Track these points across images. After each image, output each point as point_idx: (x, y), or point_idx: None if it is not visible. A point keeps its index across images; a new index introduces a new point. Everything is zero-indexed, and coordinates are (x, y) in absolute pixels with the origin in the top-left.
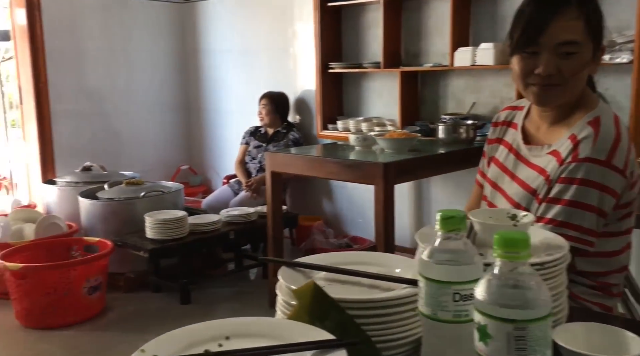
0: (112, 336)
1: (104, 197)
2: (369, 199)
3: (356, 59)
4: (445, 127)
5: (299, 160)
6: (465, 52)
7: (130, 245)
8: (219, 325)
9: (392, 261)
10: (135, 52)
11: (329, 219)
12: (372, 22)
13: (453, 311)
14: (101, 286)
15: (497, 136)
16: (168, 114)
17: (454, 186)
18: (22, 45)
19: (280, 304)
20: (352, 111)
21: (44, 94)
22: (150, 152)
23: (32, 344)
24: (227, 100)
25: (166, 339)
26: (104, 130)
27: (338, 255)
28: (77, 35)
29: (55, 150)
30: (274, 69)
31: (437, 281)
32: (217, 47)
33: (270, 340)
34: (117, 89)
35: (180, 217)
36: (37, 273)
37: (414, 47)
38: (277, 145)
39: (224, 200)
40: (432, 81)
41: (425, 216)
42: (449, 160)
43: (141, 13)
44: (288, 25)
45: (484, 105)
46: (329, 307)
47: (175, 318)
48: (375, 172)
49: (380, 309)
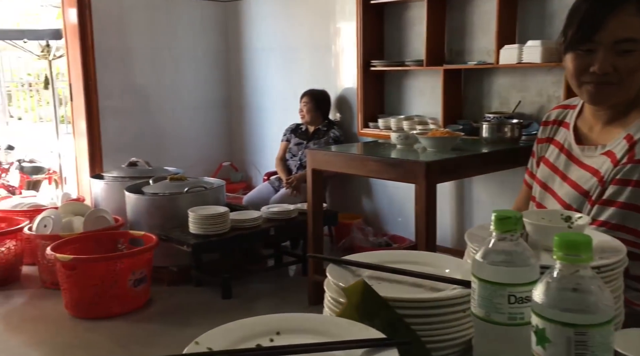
0: (156, 328)
1: (149, 192)
2: (409, 198)
3: (398, 57)
4: (489, 125)
5: (340, 158)
6: (511, 49)
7: (174, 239)
8: (270, 320)
9: (441, 261)
10: (179, 51)
11: (369, 217)
12: (415, 19)
13: (508, 314)
14: (146, 279)
15: (548, 135)
16: (210, 111)
17: (498, 186)
18: (73, 43)
19: (327, 301)
20: (393, 109)
21: (93, 91)
22: (193, 148)
23: (80, 333)
24: (269, 97)
25: (219, 332)
26: (149, 126)
27: (385, 254)
28: (124, 34)
29: (103, 145)
30: (315, 66)
31: (492, 282)
32: (260, 44)
33: (320, 337)
34: (161, 87)
35: (223, 213)
36: (86, 264)
37: (458, 45)
38: (317, 143)
39: (264, 196)
40: (476, 79)
41: (467, 216)
42: (493, 160)
43: (186, 12)
44: (330, 23)
45: (529, 104)
46: (378, 306)
47: (217, 312)
48: (418, 170)
49: (430, 309)
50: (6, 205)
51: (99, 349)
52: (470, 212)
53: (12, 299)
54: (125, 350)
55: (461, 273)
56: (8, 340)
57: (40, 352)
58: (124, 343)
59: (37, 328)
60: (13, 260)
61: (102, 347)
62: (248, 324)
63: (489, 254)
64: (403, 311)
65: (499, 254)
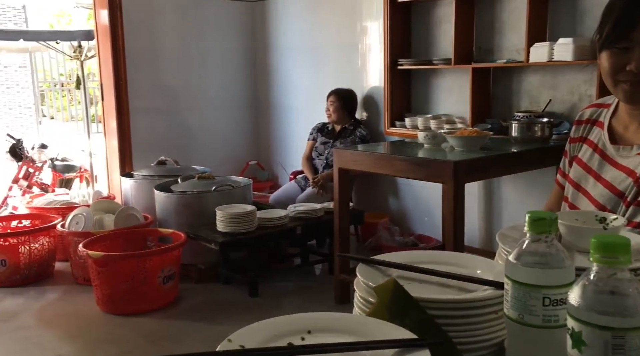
0: (185, 324)
1: (178, 191)
2: (436, 197)
3: (425, 55)
4: (519, 125)
5: (367, 157)
6: (542, 47)
7: (202, 237)
8: (302, 318)
9: (472, 262)
10: (207, 51)
11: (395, 217)
12: (443, 17)
13: (542, 316)
14: (174, 276)
15: (581, 135)
16: (237, 111)
17: (527, 186)
18: (104, 44)
19: (357, 300)
20: (420, 108)
21: (124, 91)
22: (220, 147)
23: (111, 329)
24: (295, 96)
25: (251, 330)
26: (177, 125)
27: (415, 254)
28: (154, 35)
29: (133, 144)
30: (342, 65)
31: (525, 284)
32: (286, 44)
33: (351, 336)
34: (189, 86)
35: (250, 211)
36: (116, 261)
37: (487, 43)
38: (344, 142)
39: (290, 195)
40: (505, 78)
41: (495, 216)
42: (522, 159)
43: (213, 12)
44: (357, 22)
45: (560, 103)
46: (409, 306)
47: (244, 310)
48: (445, 170)
49: (462, 310)
50: (40, 203)
51: (130, 345)
52: (499, 212)
53: (46, 294)
54: (155, 346)
55: (493, 274)
56: (42, 334)
57: (73, 347)
58: (153, 339)
59: (69, 323)
60: (46, 256)
61: (132, 343)
62: (280, 322)
63: (523, 255)
64: (434, 311)
65: (532, 255)
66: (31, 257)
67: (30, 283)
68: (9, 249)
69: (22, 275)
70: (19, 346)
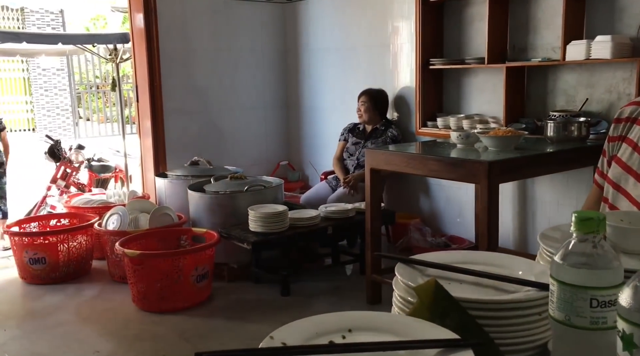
0: (218, 322)
1: (211, 190)
2: (468, 198)
3: (458, 54)
4: (555, 124)
5: (399, 158)
6: (578, 45)
7: (235, 236)
8: (343, 317)
9: (512, 262)
10: (239, 52)
11: (426, 217)
12: (476, 16)
13: (590, 318)
14: (208, 275)
15: (620, 133)
16: (269, 111)
17: (563, 186)
18: (140, 46)
19: (396, 300)
20: (452, 108)
21: (158, 92)
22: (252, 147)
23: (147, 326)
24: (326, 97)
25: (292, 327)
26: (209, 126)
27: (454, 254)
28: (187, 37)
29: (167, 145)
30: (373, 65)
31: (572, 285)
32: (317, 45)
33: (391, 335)
34: (222, 88)
35: (282, 211)
36: (152, 260)
37: (521, 41)
38: (375, 142)
39: (322, 195)
40: (540, 76)
41: (529, 217)
42: (558, 159)
43: (245, 14)
44: (388, 22)
45: (598, 102)
46: (450, 306)
47: (276, 309)
48: (479, 170)
49: (504, 311)
50: (77, 202)
51: (165, 342)
52: (533, 213)
53: (84, 291)
54: (189, 343)
55: (534, 275)
56: (81, 330)
57: (111, 343)
58: (188, 337)
59: (107, 320)
60: (84, 255)
61: (167, 340)
62: (321, 320)
63: (569, 256)
64: (475, 312)
65: (579, 256)
66: (70, 255)
67: (69, 281)
68: (48, 247)
69: (61, 272)
70: (60, 341)
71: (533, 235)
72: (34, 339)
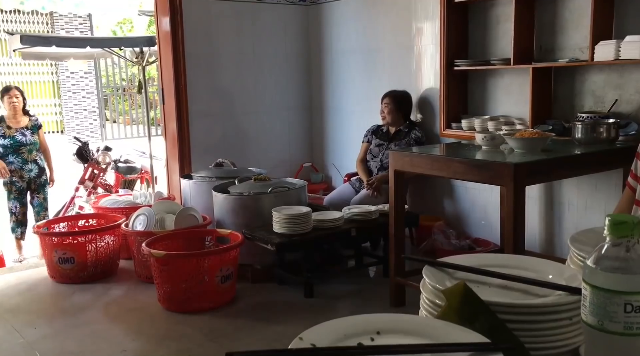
0: (243, 323)
1: (235, 192)
2: (493, 200)
3: (483, 55)
4: (583, 125)
5: (423, 159)
6: (607, 45)
7: (259, 238)
8: (371, 319)
9: (540, 265)
10: (263, 54)
11: (450, 219)
12: (501, 16)
13: (623, 323)
14: (232, 276)
15: None
16: (292, 113)
17: (591, 189)
18: (166, 49)
19: (424, 302)
20: (477, 110)
21: (184, 95)
22: (275, 149)
23: (172, 325)
24: (350, 99)
25: (321, 329)
26: (234, 128)
27: (481, 257)
28: (212, 40)
29: (192, 146)
30: (397, 67)
31: (605, 290)
32: (341, 47)
33: (420, 338)
34: (246, 90)
35: (306, 213)
36: (178, 260)
37: (548, 42)
38: (398, 144)
39: (345, 197)
40: (567, 77)
41: (556, 220)
42: (586, 162)
43: (269, 17)
44: (412, 23)
45: (627, 103)
46: (479, 309)
47: (300, 310)
48: (505, 172)
49: (535, 315)
50: (105, 203)
51: (191, 342)
52: (560, 216)
53: (111, 291)
54: (214, 343)
55: (565, 278)
56: (109, 329)
57: (138, 342)
58: (213, 337)
59: (133, 319)
60: (111, 255)
61: (193, 340)
62: (349, 322)
63: (602, 260)
64: (504, 316)
65: (613, 260)
66: (97, 254)
67: (97, 280)
68: (77, 247)
69: (89, 272)
70: (88, 340)
71: (560, 239)
72: (64, 337)
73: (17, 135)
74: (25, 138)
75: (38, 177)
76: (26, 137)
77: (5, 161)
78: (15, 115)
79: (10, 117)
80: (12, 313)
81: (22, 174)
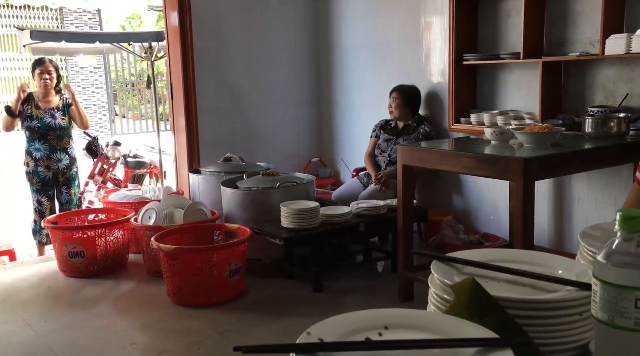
0: (251, 317)
1: (243, 187)
2: (502, 195)
3: (492, 50)
4: (593, 120)
5: (432, 154)
6: (618, 39)
7: (267, 232)
8: (379, 314)
9: (550, 261)
10: (271, 49)
11: (459, 214)
12: (511, 10)
13: (634, 319)
14: (241, 270)
15: None
16: (300, 108)
17: (601, 184)
18: (174, 45)
19: (432, 297)
20: (486, 104)
21: (192, 90)
22: (284, 144)
23: (182, 320)
24: (358, 94)
25: (329, 323)
26: (242, 123)
27: (490, 252)
28: (221, 35)
29: (200, 141)
30: (405, 62)
31: (616, 285)
32: (349, 41)
33: (428, 333)
34: (254, 85)
35: (314, 208)
36: (186, 254)
37: (558, 36)
38: (407, 139)
39: (353, 192)
40: (578, 71)
41: (566, 215)
42: (597, 156)
43: (278, 11)
44: (421, 17)
45: (638, 97)
46: (488, 305)
47: (308, 305)
48: (515, 167)
49: (545, 311)
50: (114, 198)
51: (200, 336)
52: (570, 211)
53: (121, 285)
54: (223, 337)
55: (575, 274)
56: (118, 323)
57: (147, 336)
58: (222, 331)
59: (142, 313)
60: (121, 249)
61: (202, 334)
62: (357, 317)
63: (613, 255)
64: (513, 311)
65: (624, 255)
66: (107, 249)
67: (106, 274)
68: (87, 241)
69: (98, 266)
70: (99, 333)
71: (569, 234)
72: (74, 331)
73: (45, 117)
74: (54, 121)
75: (68, 168)
76: (56, 119)
77: (30, 148)
78: (47, 94)
79: (40, 95)
80: (23, 306)
81: (49, 164)
